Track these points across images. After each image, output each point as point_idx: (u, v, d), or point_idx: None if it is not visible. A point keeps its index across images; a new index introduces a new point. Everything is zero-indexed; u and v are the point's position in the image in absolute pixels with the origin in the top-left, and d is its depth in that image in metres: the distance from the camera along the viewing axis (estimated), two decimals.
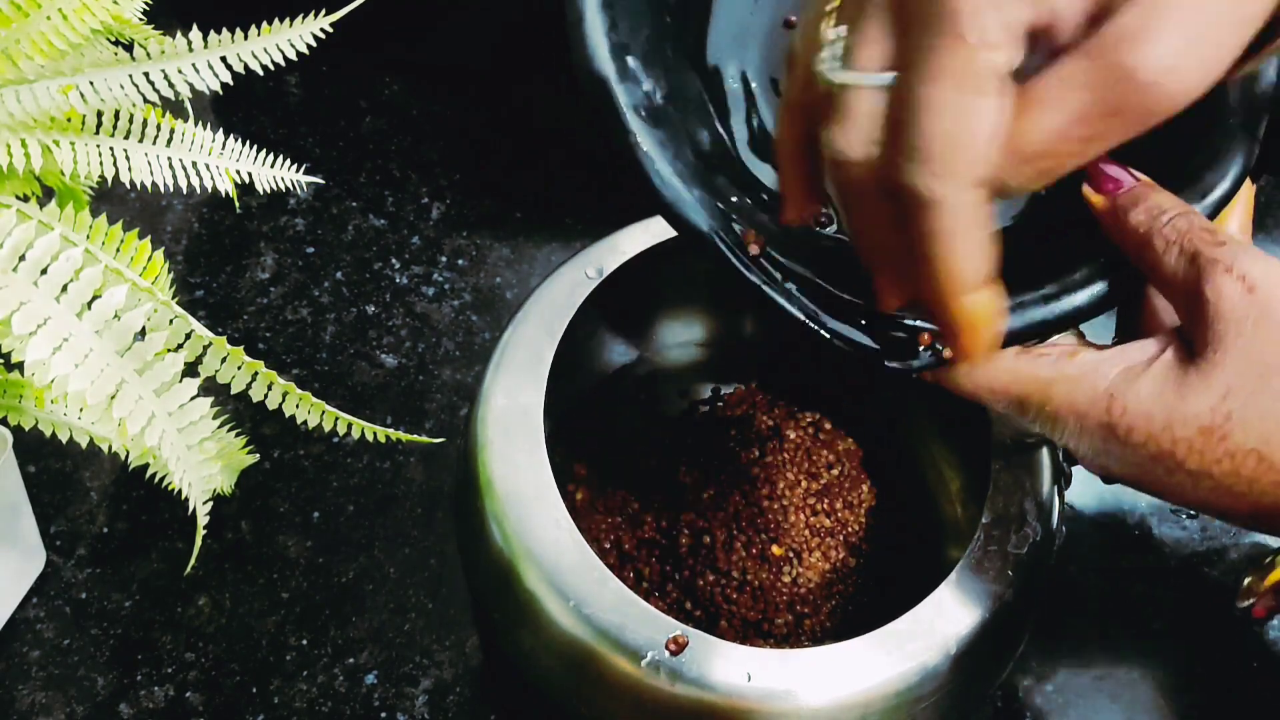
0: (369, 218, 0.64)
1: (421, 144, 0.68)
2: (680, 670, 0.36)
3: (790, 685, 0.36)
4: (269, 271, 0.62)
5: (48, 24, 0.39)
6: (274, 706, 0.48)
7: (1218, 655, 0.51)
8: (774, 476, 0.46)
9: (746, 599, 0.44)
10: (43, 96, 0.38)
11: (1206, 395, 0.33)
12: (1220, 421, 0.33)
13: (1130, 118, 0.30)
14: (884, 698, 0.37)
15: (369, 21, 0.48)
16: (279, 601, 0.51)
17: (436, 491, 0.55)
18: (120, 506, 0.53)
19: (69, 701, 0.48)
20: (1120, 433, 0.34)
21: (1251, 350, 0.33)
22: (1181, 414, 0.33)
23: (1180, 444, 0.33)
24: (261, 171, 0.44)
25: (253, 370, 0.37)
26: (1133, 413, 0.34)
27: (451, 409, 0.57)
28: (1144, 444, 0.34)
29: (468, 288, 0.62)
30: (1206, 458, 0.33)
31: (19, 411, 0.44)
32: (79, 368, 0.33)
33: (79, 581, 0.51)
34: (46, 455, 0.54)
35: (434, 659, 0.50)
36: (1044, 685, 0.50)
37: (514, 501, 0.39)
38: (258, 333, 0.59)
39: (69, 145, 0.39)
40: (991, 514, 0.40)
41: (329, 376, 0.58)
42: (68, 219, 0.37)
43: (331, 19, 0.43)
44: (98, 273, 0.34)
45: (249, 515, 0.53)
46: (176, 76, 0.40)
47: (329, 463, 0.55)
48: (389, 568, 0.52)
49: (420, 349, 0.59)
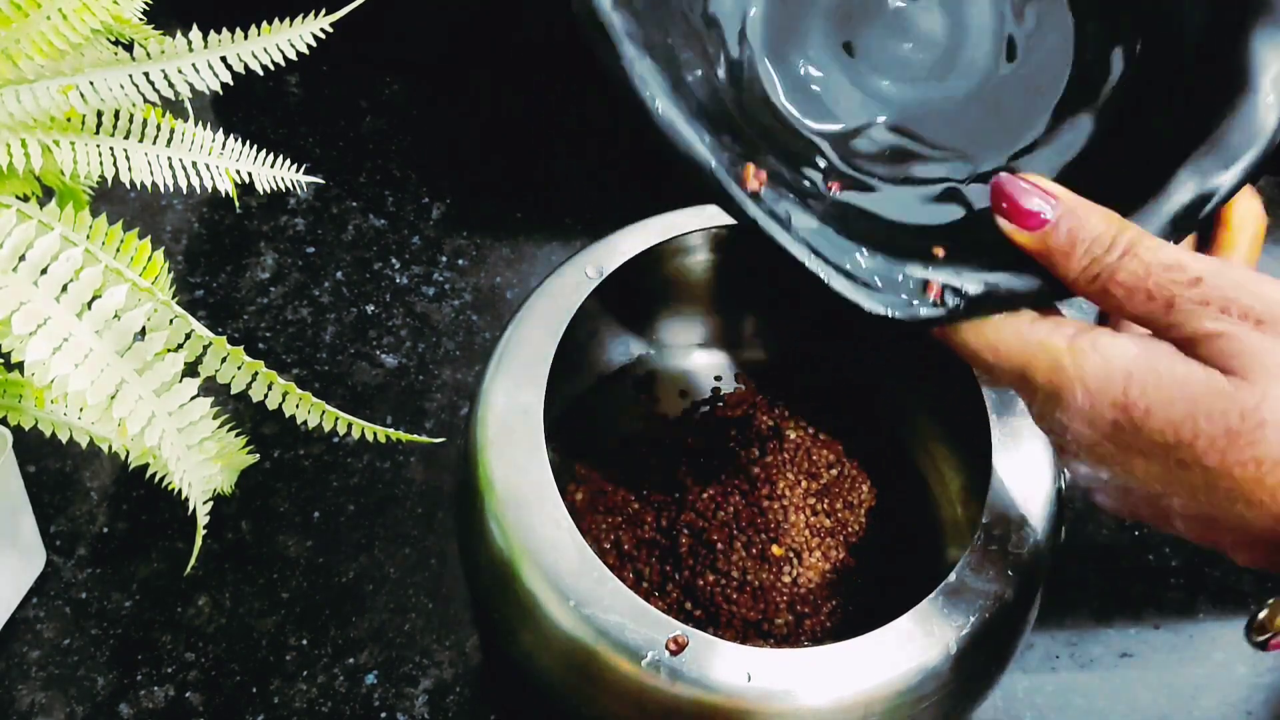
0: (369, 218, 0.64)
1: (421, 144, 0.68)
2: (680, 670, 0.36)
3: (790, 685, 0.36)
4: (269, 271, 0.62)
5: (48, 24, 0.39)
6: (274, 706, 0.48)
7: (1219, 655, 0.51)
8: (774, 476, 0.46)
9: (746, 599, 0.44)
10: (43, 96, 0.38)
11: (1237, 400, 0.31)
12: (1252, 428, 0.30)
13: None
14: (884, 698, 0.37)
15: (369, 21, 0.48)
16: (279, 601, 0.51)
17: (436, 491, 0.55)
18: (120, 506, 0.53)
19: (69, 701, 0.48)
20: (1136, 414, 0.32)
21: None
22: (1208, 409, 0.31)
23: (1202, 438, 0.31)
24: (261, 171, 0.44)
25: (253, 370, 0.37)
26: (1153, 396, 0.31)
27: (451, 409, 0.57)
28: (1160, 431, 0.31)
29: (468, 288, 0.62)
30: (1229, 458, 0.31)
31: (19, 411, 0.44)
32: (79, 368, 0.33)
33: (79, 581, 0.51)
34: (46, 455, 0.54)
35: (434, 659, 0.50)
36: (1044, 685, 0.50)
37: (514, 501, 0.39)
38: (258, 333, 0.59)
39: (69, 145, 0.39)
40: (991, 514, 0.40)
41: (329, 376, 0.58)
42: (68, 219, 0.37)
43: (331, 19, 0.43)
44: (98, 273, 0.34)
45: (249, 515, 0.53)
46: (176, 76, 0.40)
47: (329, 463, 0.55)
48: (389, 568, 0.52)
49: (420, 349, 0.59)
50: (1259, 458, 0.30)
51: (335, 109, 0.69)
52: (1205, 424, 0.31)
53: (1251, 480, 0.31)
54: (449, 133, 0.68)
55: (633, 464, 0.49)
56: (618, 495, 0.48)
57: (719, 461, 0.47)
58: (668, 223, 0.47)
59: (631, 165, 0.67)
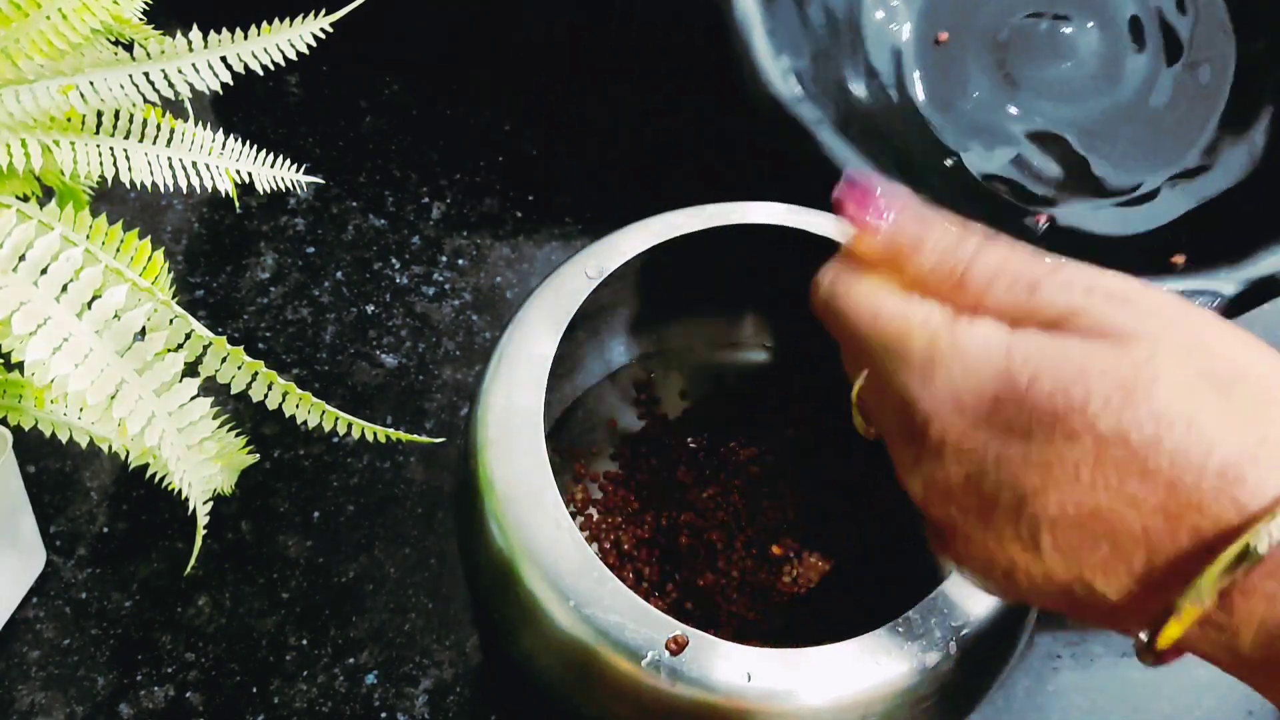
0: (369, 218, 0.64)
1: (421, 144, 0.68)
2: (680, 670, 0.36)
3: (790, 685, 0.36)
4: (269, 271, 0.62)
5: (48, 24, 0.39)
6: (274, 706, 0.48)
7: None
8: (774, 476, 0.46)
9: (746, 599, 0.44)
10: (43, 96, 0.38)
11: (1128, 355, 0.28)
12: (1147, 383, 0.27)
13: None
14: (884, 698, 0.37)
15: (369, 21, 0.48)
16: (279, 601, 0.51)
17: (436, 491, 0.55)
18: (120, 506, 0.53)
19: (69, 701, 0.48)
20: (1021, 381, 0.28)
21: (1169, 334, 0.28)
22: (1100, 367, 0.28)
23: (1095, 398, 0.27)
24: (261, 171, 0.44)
25: (253, 370, 0.37)
26: (1038, 363, 0.28)
27: (451, 409, 0.57)
28: (1048, 396, 0.28)
29: (468, 287, 0.62)
30: (1125, 419, 0.27)
31: (19, 411, 0.44)
32: (79, 368, 0.33)
33: (79, 581, 0.51)
34: (46, 455, 0.54)
35: (434, 659, 0.50)
36: (1045, 685, 0.50)
37: (514, 501, 0.39)
38: (258, 333, 0.59)
39: (69, 145, 0.39)
40: None
41: (329, 376, 0.58)
42: (68, 219, 0.37)
43: (331, 19, 0.43)
44: (98, 273, 0.34)
45: (249, 515, 0.53)
46: (176, 76, 0.40)
47: (329, 463, 0.55)
48: (389, 568, 0.52)
49: (420, 349, 0.59)
50: (1157, 414, 0.27)
51: (335, 109, 0.69)
52: (1097, 382, 0.28)
53: (1149, 443, 0.27)
54: (449, 133, 0.68)
55: (633, 464, 0.49)
56: (617, 495, 0.48)
57: (719, 461, 0.48)
58: (668, 223, 0.47)
59: (631, 165, 0.67)
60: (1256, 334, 0.29)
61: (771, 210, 0.47)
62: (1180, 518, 0.27)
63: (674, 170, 0.67)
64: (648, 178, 0.67)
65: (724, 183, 0.67)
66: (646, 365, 0.52)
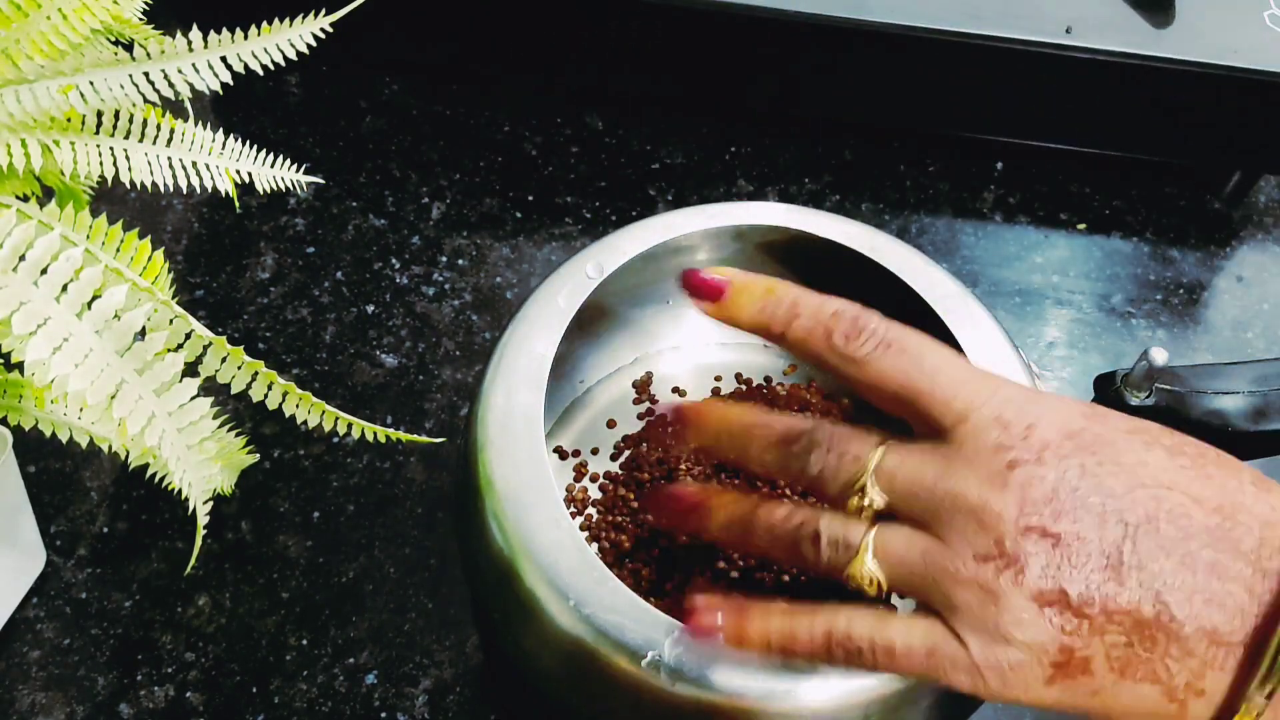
0: (369, 218, 0.64)
1: (421, 144, 0.68)
2: (680, 670, 0.36)
3: (790, 685, 0.36)
4: (269, 271, 0.62)
5: (48, 24, 0.39)
6: (274, 706, 0.48)
7: None
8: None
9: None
10: (43, 96, 0.38)
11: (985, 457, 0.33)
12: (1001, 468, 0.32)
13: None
14: (884, 698, 0.37)
15: (369, 21, 0.48)
16: (279, 601, 0.51)
17: (436, 491, 0.55)
18: (120, 506, 0.53)
19: (69, 701, 0.48)
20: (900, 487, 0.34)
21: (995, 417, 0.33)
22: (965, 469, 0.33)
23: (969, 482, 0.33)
24: (261, 171, 0.44)
25: (253, 370, 0.37)
26: (905, 476, 0.34)
27: (451, 409, 0.57)
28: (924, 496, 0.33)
29: (468, 288, 0.62)
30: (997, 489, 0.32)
31: (19, 411, 0.44)
32: (79, 368, 0.33)
33: (79, 581, 0.51)
34: (46, 455, 0.54)
35: (434, 659, 0.50)
36: None
37: (514, 501, 0.39)
38: (258, 333, 0.59)
39: (69, 145, 0.39)
40: None
41: (329, 376, 0.58)
42: (68, 219, 0.37)
43: (331, 19, 0.43)
44: (98, 273, 0.34)
45: (249, 515, 0.53)
46: (176, 76, 0.40)
47: (329, 463, 0.55)
48: (389, 568, 0.52)
49: (420, 349, 0.59)
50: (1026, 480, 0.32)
51: (335, 109, 0.69)
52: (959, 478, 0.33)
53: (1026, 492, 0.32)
54: (449, 133, 0.68)
55: (633, 464, 0.49)
56: (617, 495, 0.48)
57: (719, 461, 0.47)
58: (668, 223, 0.47)
59: (632, 165, 0.67)
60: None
61: (771, 210, 0.47)
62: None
63: (673, 170, 0.67)
64: (648, 178, 0.67)
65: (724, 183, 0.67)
66: (646, 365, 0.52)
